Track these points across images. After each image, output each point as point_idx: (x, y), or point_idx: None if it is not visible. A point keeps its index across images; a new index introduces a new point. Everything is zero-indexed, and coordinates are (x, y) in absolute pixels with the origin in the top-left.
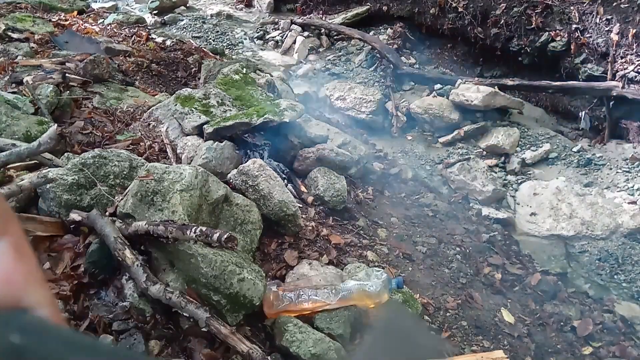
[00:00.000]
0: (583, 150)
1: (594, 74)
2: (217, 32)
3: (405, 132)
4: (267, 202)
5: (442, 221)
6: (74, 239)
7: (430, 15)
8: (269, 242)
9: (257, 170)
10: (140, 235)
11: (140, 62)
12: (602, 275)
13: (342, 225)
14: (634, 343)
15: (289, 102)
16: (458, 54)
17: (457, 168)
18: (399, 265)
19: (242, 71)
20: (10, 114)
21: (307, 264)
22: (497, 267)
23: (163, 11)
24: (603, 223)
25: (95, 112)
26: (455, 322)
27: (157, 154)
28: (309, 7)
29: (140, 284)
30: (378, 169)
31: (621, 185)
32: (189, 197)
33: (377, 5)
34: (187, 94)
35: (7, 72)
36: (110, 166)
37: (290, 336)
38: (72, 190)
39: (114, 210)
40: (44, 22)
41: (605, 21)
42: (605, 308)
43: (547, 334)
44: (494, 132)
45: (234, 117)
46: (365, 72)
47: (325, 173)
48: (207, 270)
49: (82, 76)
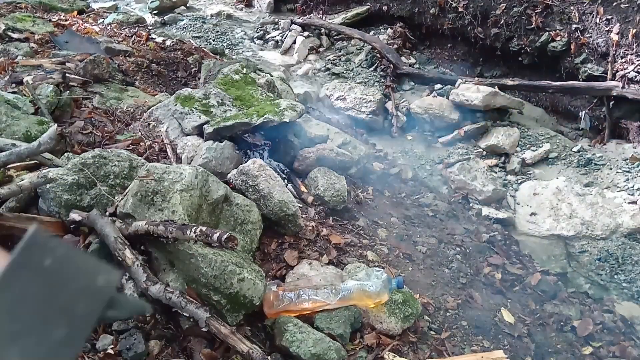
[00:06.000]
0: (583, 150)
1: (594, 74)
2: (217, 32)
3: (405, 132)
4: (267, 202)
5: (442, 221)
6: (74, 239)
7: (430, 15)
8: (269, 242)
9: (257, 170)
10: (140, 235)
11: (140, 62)
12: (602, 275)
13: (342, 225)
14: (634, 343)
15: (289, 102)
16: (458, 54)
17: (457, 168)
18: (399, 265)
19: (242, 71)
20: (10, 114)
21: (307, 264)
22: (497, 267)
23: (163, 11)
24: (603, 223)
25: (95, 112)
26: (455, 322)
27: (157, 154)
28: (309, 7)
29: (140, 284)
30: (378, 169)
31: (621, 185)
32: (189, 197)
33: (377, 5)
34: (187, 94)
35: (7, 72)
36: (110, 166)
37: (290, 336)
38: (72, 190)
39: (114, 210)
40: (44, 22)
41: (605, 21)
42: (605, 308)
43: (547, 334)
44: (494, 132)
45: (234, 117)
46: (365, 72)
47: (325, 173)
48: (207, 270)
49: (82, 76)
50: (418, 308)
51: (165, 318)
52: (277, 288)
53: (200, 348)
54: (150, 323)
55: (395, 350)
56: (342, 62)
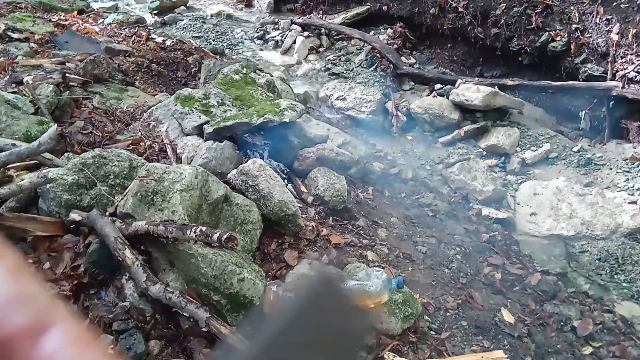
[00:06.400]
0: (583, 150)
1: (594, 74)
2: (217, 32)
3: (405, 132)
4: (267, 202)
5: (442, 221)
6: (74, 239)
7: (430, 15)
8: (269, 242)
9: (257, 170)
10: (140, 235)
11: (140, 62)
12: (602, 275)
13: (342, 225)
14: (634, 343)
15: (289, 102)
16: (458, 54)
17: (457, 168)
18: (399, 265)
19: (242, 71)
20: (10, 114)
21: (307, 264)
22: (497, 267)
23: (163, 11)
24: (603, 223)
25: (95, 112)
26: (455, 322)
27: (157, 154)
28: (309, 7)
29: (140, 284)
30: (378, 169)
31: (621, 185)
32: (189, 197)
33: (377, 5)
34: (187, 94)
35: (7, 72)
36: (110, 166)
37: None
38: (72, 190)
39: (114, 210)
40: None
41: (605, 21)
42: (605, 308)
43: (547, 334)
44: (494, 132)
45: (234, 117)
46: (365, 72)
47: (325, 173)
48: (207, 270)
49: (82, 76)
50: (418, 308)
51: (165, 318)
52: (277, 288)
53: (200, 348)
54: (150, 323)
55: (395, 350)
56: (342, 62)
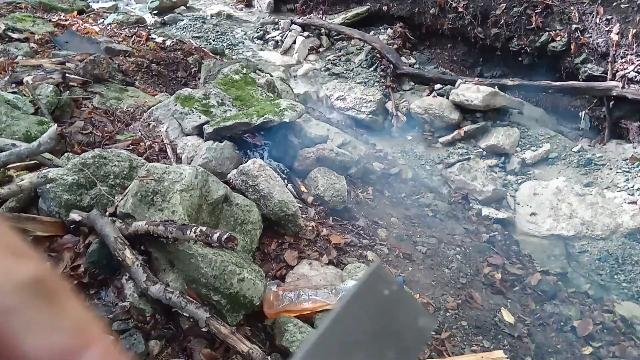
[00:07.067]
0: (583, 150)
1: (594, 74)
2: (217, 32)
3: (405, 132)
4: (267, 202)
5: (442, 221)
6: (74, 239)
7: (430, 15)
8: (269, 242)
9: (257, 170)
10: (140, 235)
11: (140, 62)
12: (602, 275)
13: (342, 225)
14: (634, 343)
15: (289, 102)
16: (458, 54)
17: (457, 168)
18: (399, 265)
19: (242, 71)
20: (10, 114)
21: (307, 264)
22: (497, 267)
23: (163, 11)
24: (603, 223)
25: (95, 112)
26: (455, 322)
27: (157, 154)
28: (309, 7)
29: (140, 284)
30: (378, 169)
31: (621, 185)
32: (189, 197)
33: (377, 5)
34: (187, 94)
35: (7, 72)
36: (110, 166)
37: (290, 336)
38: (72, 190)
39: (114, 210)
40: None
41: (605, 21)
42: (605, 308)
43: (547, 334)
44: (494, 132)
45: (234, 117)
46: (365, 72)
47: (325, 173)
48: (207, 270)
49: (82, 76)
50: None
51: (165, 318)
52: (277, 288)
53: (200, 348)
54: (150, 323)
55: None
56: (342, 62)
